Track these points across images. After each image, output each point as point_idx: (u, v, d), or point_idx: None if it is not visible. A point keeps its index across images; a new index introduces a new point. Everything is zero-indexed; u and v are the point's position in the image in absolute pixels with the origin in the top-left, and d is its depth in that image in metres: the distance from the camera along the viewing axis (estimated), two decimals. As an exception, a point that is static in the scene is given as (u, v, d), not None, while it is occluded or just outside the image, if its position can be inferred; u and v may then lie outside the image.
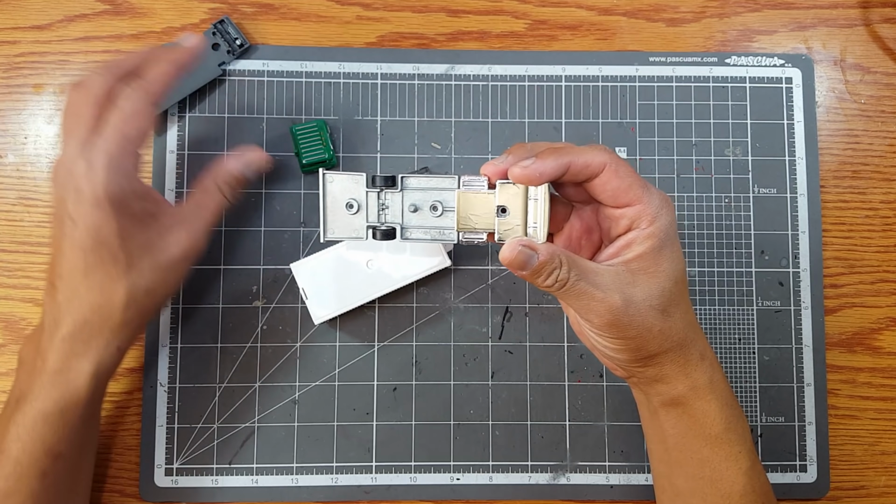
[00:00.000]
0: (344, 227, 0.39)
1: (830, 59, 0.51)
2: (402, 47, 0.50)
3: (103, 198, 0.36)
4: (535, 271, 0.36)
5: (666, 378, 0.38)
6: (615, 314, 0.35)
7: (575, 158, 0.36)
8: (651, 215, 0.36)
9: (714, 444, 0.38)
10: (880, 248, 0.50)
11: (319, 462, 0.47)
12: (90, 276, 0.37)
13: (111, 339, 0.38)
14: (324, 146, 0.47)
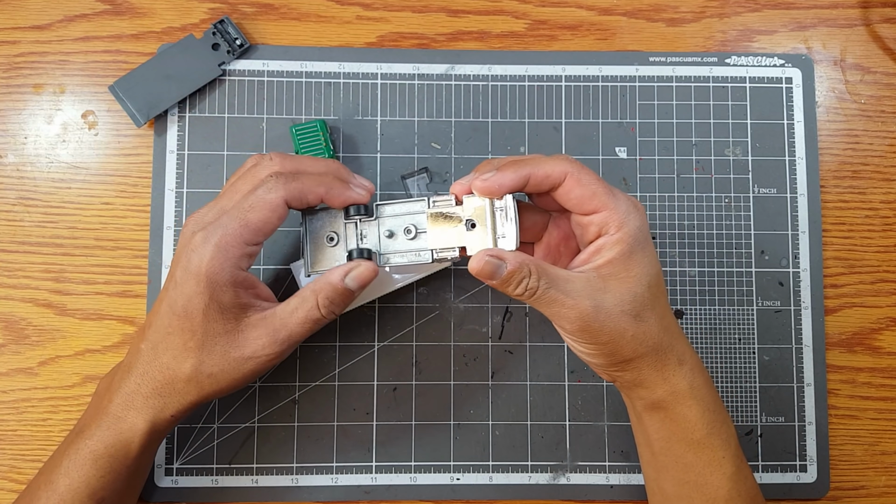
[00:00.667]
0: (326, 259, 0.40)
1: (830, 59, 0.51)
2: (402, 47, 0.50)
3: (203, 274, 0.36)
4: (504, 280, 0.36)
5: (645, 382, 0.38)
6: (585, 320, 0.36)
7: (534, 170, 0.37)
8: (618, 221, 0.37)
9: (697, 449, 0.38)
10: (880, 248, 0.50)
11: (319, 462, 0.47)
12: (169, 338, 0.38)
13: (168, 404, 0.38)
14: (324, 146, 0.47)
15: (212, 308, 0.37)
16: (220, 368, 0.38)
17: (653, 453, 0.40)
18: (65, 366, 0.47)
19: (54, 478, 0.38)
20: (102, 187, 0.49)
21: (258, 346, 0.38)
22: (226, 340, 0.37)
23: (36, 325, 0.47)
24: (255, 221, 0.37)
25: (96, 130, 0.49)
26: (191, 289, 0.37)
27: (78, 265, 0.48)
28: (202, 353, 0.37)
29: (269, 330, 0.38)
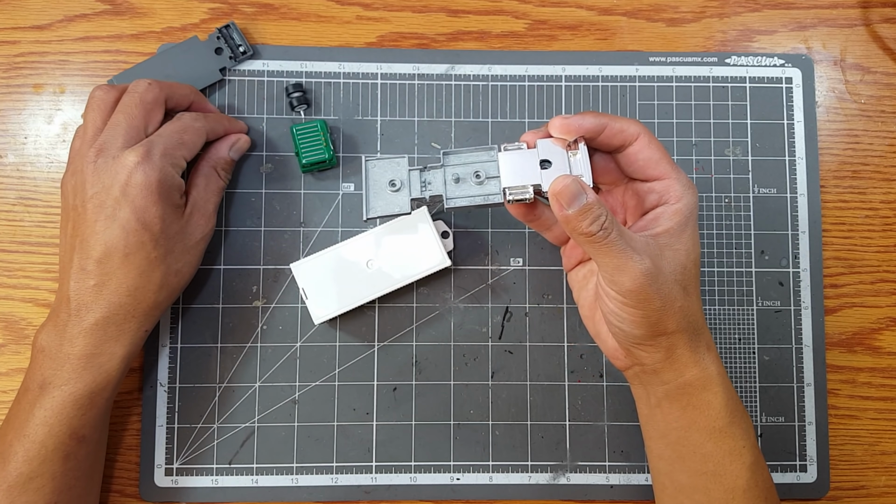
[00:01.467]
0: (386, 205, 0.41)
1: (830, 59, 0.51)
2: (402, 47, 0.50)
3: (155, 185, 0.39)
4: (581, 211, 0.35)
5: (676, 362, 0.38)
6: (647, 279, 0.35)
7: (612, 122, 0.38)
8: (679, 191, 0.37)
9: (718, 437, 0.38)
10: (880, 248, 0.50)
11: (319, 462, 0.47)
12: (129, 259, 0.39)
13: (143, 321, 0.41)
14: (324, 146, 0.47)
15: (168, 214, 0.40)
16: (183, 262, 0.42)
17: (668, 444, 0.40)
18: (65, 366, 0.47)
19: (28, 430, 0.38)
20: (102, 187, 0.49)
21: (201, 226, 0.43)
22: (181, 236, 0.42)
23: (36, 324, 0.47)
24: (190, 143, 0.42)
25: (96, 130, 0.49)
26: (144, 203, 0.39)
27: (78, 265, 0.48)
28: (167, 258, 0.41)
29: (203, 212, 0.43)
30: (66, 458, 0.39)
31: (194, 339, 0.47)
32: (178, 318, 0.47)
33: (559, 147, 0.39)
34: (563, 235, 0.43)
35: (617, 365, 0.41)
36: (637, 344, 0.38)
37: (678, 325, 0.37)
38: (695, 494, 0.39)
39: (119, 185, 0.39)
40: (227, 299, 0.48)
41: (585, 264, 0.42)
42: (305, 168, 0.48)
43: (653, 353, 0.38)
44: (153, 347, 0.47)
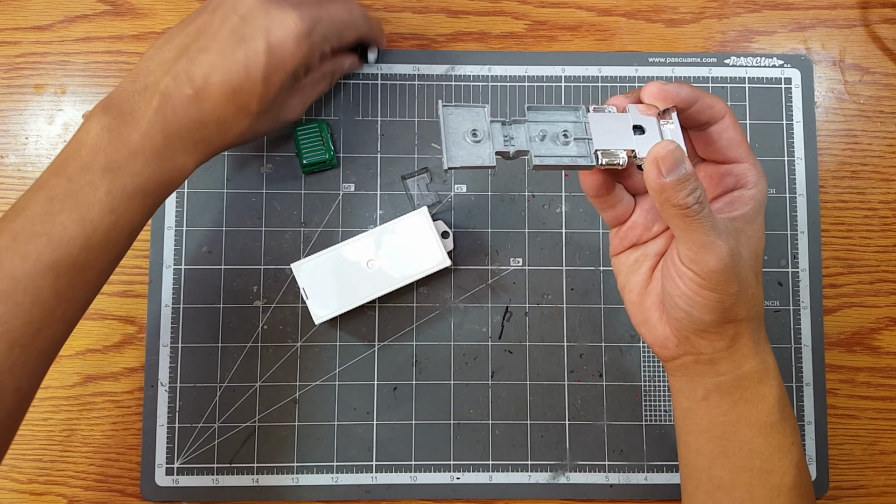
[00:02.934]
0: (467, 155, 0.36)
1: (829, 59, 0.52)
2: (403, 48, 0.50)
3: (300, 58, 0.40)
4: (682, 179, 0.33)
5: (737, 353, 0.36)
6: (732, 260, 0.34)
7: (703, 97, 0.36)
8: (755, 177, 0.37)
9: (769, 433, 0.37)
10: (879, 248, 0.50)
11: (320, 461, 0.47)
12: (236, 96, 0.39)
13: (214, 149, 0.41)
14: (324, 146, 0.47)
15: (286, 83, 0.40)
16: (266, 127, 0.42)
17: (710, 438, 0.38)
18: (66, 365, 0.47)
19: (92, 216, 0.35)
20: (103, 187, 0.49)
21: (297, 110, 0.44)
22: (278, 107, 0.42)
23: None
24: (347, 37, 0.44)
25: (97, 131, 0.49)
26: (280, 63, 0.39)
27: (79, 265, 0.48)
28: (259, 116, 0.41)
29: (302, 98, 0.44)
30: (118, 256, 0.37)
31: (195, 339, 0.47)
32: (179, 317, 0.47)
33: (650, 115, 0.37)
34: (623, 215, 0.40)
35: (663, 354, 0.38)
36: (701, 331, 0.36)
37: (748, 313, 0.36)
38: (735, 491, 0.37)
39: (268, 32, 0.39)
40: (228, 299, 0.48)
41: (638, 248, 0.40)
42: (306, 168, 0.48)
43: (716, 341, 0.36)
44: (154, 347, 0.47)
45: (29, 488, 0.47)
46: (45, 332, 0.35)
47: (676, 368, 0.38)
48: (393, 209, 0.49)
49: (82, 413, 0.47)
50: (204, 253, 0.48)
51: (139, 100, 0.38)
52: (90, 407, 0.47)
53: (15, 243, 0.34)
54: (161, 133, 0.37)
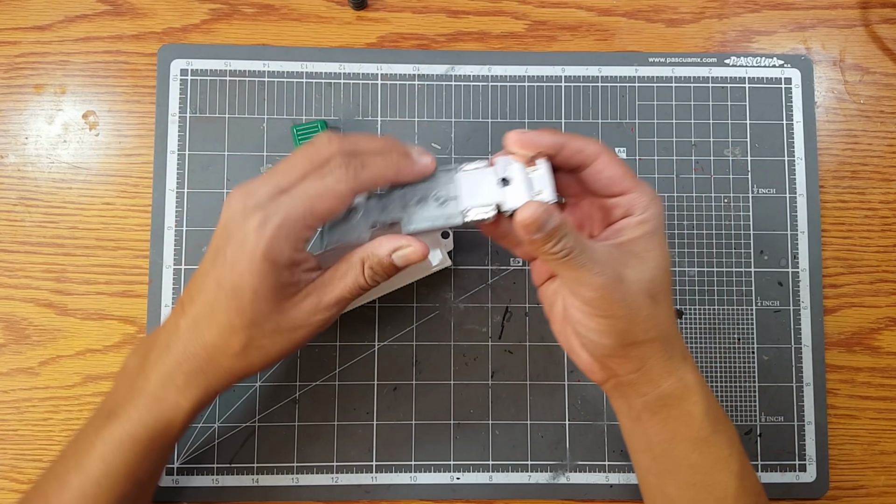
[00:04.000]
0: (346, 232, 0.39)
1: (829, 59, 0.52)
2: (403, 48, 0.50)
3: (260, 258, 0.34)
4: (549, 234, 0.35)
5: (649, 373, 0.37)
6: (608, 289, 0.35)
7: (569, 141, 0.37)
8: (645, 203, 0.37)
9: (703, 447, 0.38)
10: (879, 248, 0.50)
11: (320, 461, 0.47)
12: (215, 315, 0.36)
13: (213, 382, 0.37)
14: (324, 146, 0.47)
15: (263, 289, 0.35)
16: (270, 341, 0.37)
17: (654, 457, 0.39)
18: (66, 366, 0.47)
19: (86, 462, 0.37)
20: (103, 187, 0.49)
21: (308, 313, 0.37)
22: (277, 315, 0.36)
23: (37, 324, 0.48)
24: (322, 211, 0.35)
25: (97, 131, 0.49)
26: (243, 268, 0.35)
27: (79, 265, 0.48)
28: (251, 330, 0.36)
29: (318, 295, 0.37)
30: (121, 499, 0.37)
31: (195, 339, 0.47)
32: (179, 317, 0.47)
33: (520, 163, 0.37)
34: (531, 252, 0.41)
35: (594, 378, 0.40)
36: (608, 356, 0.37)
37: (647, 335, 0.37)
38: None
39: (231, 239, 0.35)
40: (228, 299, 0.48)
41: (555, 279, 0.41)
42: (306, 168, 0.48)
43: (625, 364, 0.37)
44: (154, 347, 0.47)
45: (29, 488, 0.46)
46: None
47: (610, 391, 0.40)
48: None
49: (82, 413, 0.47)
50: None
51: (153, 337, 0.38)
52: (90, 407, 0.47)
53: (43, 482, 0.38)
54: (156, 372, 0.37)
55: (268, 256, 0.35)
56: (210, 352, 0.37)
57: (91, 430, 0.38)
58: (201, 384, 0.37)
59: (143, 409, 0.37)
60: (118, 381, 0.39)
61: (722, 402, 0.48)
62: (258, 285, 0.35)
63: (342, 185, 0.36)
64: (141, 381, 0.37)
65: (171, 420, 0.37)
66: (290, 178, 0.36)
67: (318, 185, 0.35)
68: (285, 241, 0.35)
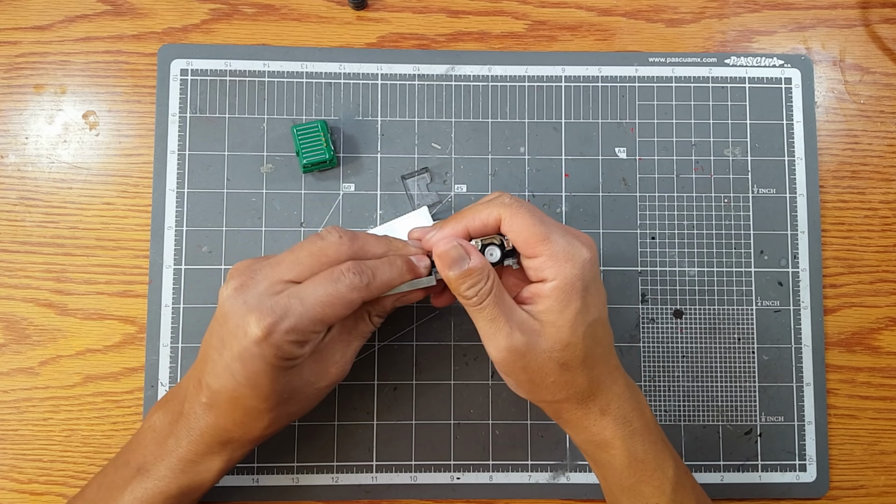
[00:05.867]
0: None
1: (830, 59, 0.52)
2: (403, 48, 0.50)
3: (271, 362, 0.34)
4: (462, 274, 0.36)
5: (568, 423, 0.39)
6: (513, 353, 0.36)
7: (470, 221, 0.38)
8: (554, 269, 0.36)
9: (630, 495, 0.39)
10: (879, 248, 0.50)
11: (320, 461, 0.47)
12: (237, 402, 0.36)
13: (246, 445, 0.38)
14: (324, 146, 0.47)
15: (281, 381, 0.36)
16: (298, 406, 0.38)
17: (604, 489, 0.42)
18: (66, 365, 0.47)
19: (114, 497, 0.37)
20: (103, 187, 0.49)
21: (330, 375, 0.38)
22: (300, 387, 0.37)
23: (37, 324, 0.48)
24: (332, 317, 0.35)
25: (97, 131, 0.49)
26: (255, 370, 0.34)
27: (79, 265, 0.48)
28: (278, 409, 0.37)
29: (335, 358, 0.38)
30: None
31: (195, 339, 0.47)
32: (179, 317, 0.47)
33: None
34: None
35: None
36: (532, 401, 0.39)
37: (553, 397, 0.37)
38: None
39: (237, 340, 0.34)
40: (228, 299, 0.48)
41: None
42: (306, 168, 0.48)
43: (546, 410, 0.39)
44: (154, 347, 0.47)
45: (29, 488, 0.47)
46: None
47: None
48: (393, 209, 0.49)
49: (82, 413, 0.47)
50: (204, 253, 0.48)
51: (178, 403, 0.39)
52: (90, 407, 0.47)
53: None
54: (186, 438, 0.37)
55: (280, 360, 0.35)
56: (242, 426, 0.37)
57: (119, 481, 0.38)
58: (234, 448, 0.38)
59: (177, 470, 0.37)
60: (144, 437, 0.39)
61: (722, 402, 0.48)
62: (274, 380, 0.35)
63: (355, 295, 0.35)
64: (171, 442, 0.38)
65: (205, 479, 0.38)
66: (296, 272, 0.36)
67: (330, 290, 0.35)
68: (297, 346, 0.35)
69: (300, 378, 0.37)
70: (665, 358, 0.48)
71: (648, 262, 0.49)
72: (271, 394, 0.36)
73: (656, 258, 0.49)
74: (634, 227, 0.49)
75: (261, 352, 0.34)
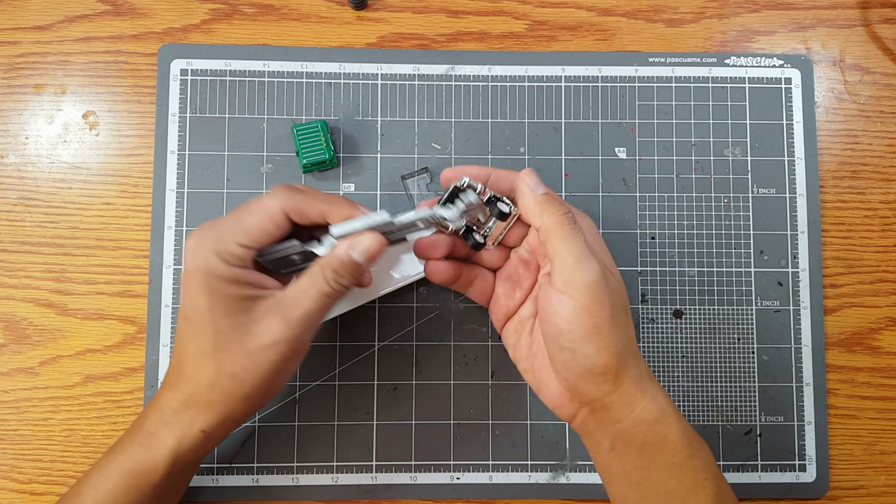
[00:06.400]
0: None
1: (829, 59, 0.52)
2: (403, 48, 0.50)
3: (200, 273, 0.35)
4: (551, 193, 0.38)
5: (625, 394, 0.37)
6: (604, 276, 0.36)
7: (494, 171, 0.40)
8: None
9: (679, 472, 0.37)
10: (879, 248, 0.50)
11: (320, 461, 0.47)
12: (187, 346, 0.36)
13: (196, 417, 0.37)
14: (324, 146, 0.47)
15: (215, 304, 0.36)
16: (240, 367, 0.36)
17: (630, 486, 0.38)
18: (66, 365, 0.47)
19: (83, 489, 0.37)
20: (103, 187, 0.49)
21: (274, 331, 0.36)
22: (240, 335, 0.36)
23: (37, 324, 0.48)
24: (251, 224, 0.36)
25: (97, 131, 0.49)
26: (193, 289, 0.36)
27: (79, 265, 0.48)
28: (219, 354, 0.36)
29: (284, 314, 0.36)
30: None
31: (195, 339, 0.47)
32: (179, 317, 0.47)
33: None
34: (486, 291, 0.44)
35: (562, 414, 0.39)
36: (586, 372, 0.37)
37: (622, 340, 0.36)
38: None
39: (183, 271, 0.37)
40: (228, 299, 0.48)
41: (514, 317, 0.43)
42: (306, 168, 0.48)
43: (601, 382, 0.37)
44: (154, 347, 0.47)
45: (29, 488, 0.47)
46: None
47: (580, 426, 0.39)
48: (393, 209, 0.49)
49: (82, 413, 0.47)
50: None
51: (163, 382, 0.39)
52: (90, 407, 0.47)
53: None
54: (151, 409, 0.38)
55: (207, 274, 0.35)
56: (191, 385, 0.37)
57: (98, 460, 0.39)
58: (185, 420, 0.37)
59: (137, 444, 0.37)
60: (135, 420, 0.39)
61: (722, 403, 0.48)
62: (209, 301, 0.35)
63: (273, 201, 0.37)
64: (140, 418, 0.38)
65: (157, 457, 0.37)
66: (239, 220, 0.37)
67: (252, 203, 0.37)
68: (217, 256, 0.36)
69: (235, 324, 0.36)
70: (665, 358, 0.48)
71: (648, 262, 0.49)
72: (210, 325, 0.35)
73: (656, 258, 0.49)
74: (634, 228, 0.49)
75: (190, 266, 0.36)
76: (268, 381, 0.37)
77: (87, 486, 0.37)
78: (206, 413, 0.37)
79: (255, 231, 0.37)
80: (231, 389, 0.36)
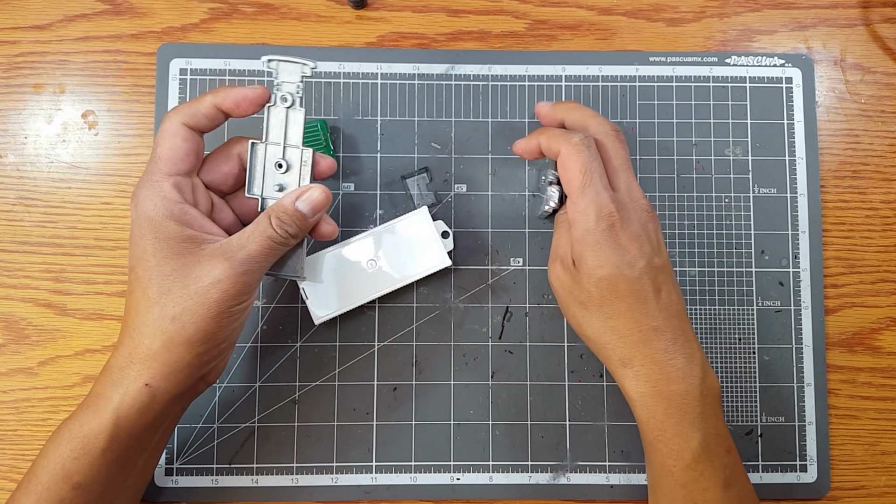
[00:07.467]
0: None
1: (830, 58, 0.51)
2: (403, 47, 0.50)
3: (140, 217, 0.37)
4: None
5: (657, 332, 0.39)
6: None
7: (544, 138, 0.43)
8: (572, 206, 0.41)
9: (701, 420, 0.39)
10: (880, 247, 0.50)
11: (319, 462, 0.47)
12: (132, 297, 0.37)
13: (140, 371, 0.36)
14: (324, 146, 0.47)
15: (158, 247, 0.36)
16: (181, 308, 0.36)
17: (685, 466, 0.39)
18: (65, 366, 0.47)
19: (36, 460, 0.37)
20: (102, 187, 0.49)
21: (218, 271, 0.36)
22: (183, 276, 0.36)
23: (36, 324, 0.47)
24: (165, 151, 0.38)
25: (96, 130, 0.49)
26: (136, 236, 0.37)
27: (78, 265, 0.48)
28: (161, 297, 0.36)
29: (228, 257, 0.36)
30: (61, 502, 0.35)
31: (194, 339, 0.47)
32: (178, 318, 0.47)
33: None
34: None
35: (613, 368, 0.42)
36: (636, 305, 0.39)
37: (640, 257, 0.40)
38: None
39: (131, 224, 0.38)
40: (227, 299, 0.47)
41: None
42: (305, 168, 0.48)
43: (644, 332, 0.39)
44: (153, 347, 0.47)
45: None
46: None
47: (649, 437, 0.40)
48: (393, 209, 0.49)
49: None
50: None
51: None
52: (89, 407, 0.47)
53: None
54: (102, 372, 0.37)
55: (146, 217, 0.36)
56: (135, 338, 0.36)
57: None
58: (130, 375, 0.36)
59: (84, 406, 0.37)
60: None
61: (723, 403, 0.48)
62: (152, 244, 0.36)
63: (167, 123, 0.38)
64: (95, 382, 0.38)
65: (101, 418, 0.36)
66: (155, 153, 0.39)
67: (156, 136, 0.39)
68: (152, 197, 0.37)
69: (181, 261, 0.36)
70: (665, 358, 0.48)
71: (649, 262, 0.49)
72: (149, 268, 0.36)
73: (657, 258, 0.49)
74: (635, 227, 0.49)
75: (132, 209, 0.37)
76: (210, 325, 0.36)
77: (40, 456, 0.37)
78: (150, 365, 0.36)
79: (170, 153, 0.38)
80: (173, 333, 0.36)
